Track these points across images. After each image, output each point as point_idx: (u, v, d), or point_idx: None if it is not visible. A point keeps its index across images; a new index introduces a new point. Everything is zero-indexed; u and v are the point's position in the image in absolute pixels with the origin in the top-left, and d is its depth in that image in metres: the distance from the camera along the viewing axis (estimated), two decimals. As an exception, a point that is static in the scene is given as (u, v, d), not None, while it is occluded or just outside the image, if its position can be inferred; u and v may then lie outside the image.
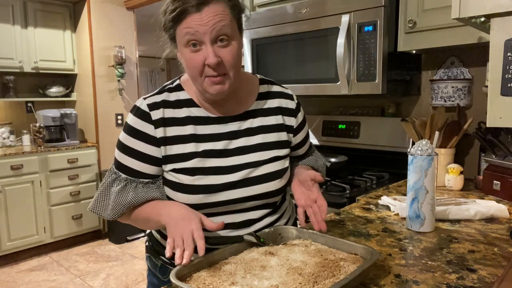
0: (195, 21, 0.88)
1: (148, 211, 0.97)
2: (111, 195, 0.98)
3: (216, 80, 0.93)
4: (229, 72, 0.94)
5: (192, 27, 0.89)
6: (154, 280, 1.13)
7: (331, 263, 0.82)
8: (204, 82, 0.93)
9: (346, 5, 1.71)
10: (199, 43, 0.90)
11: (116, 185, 0.98)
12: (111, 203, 0.98)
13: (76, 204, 3.75)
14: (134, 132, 0.97)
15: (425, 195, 1.09)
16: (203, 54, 0.90)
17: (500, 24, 0.97)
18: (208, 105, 1.02)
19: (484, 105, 1.14)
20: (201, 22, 0.88)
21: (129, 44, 4.09)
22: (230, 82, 0.95)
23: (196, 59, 0.91)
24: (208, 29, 0.89)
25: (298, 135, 1.13)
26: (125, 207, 0.97)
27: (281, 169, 1.06)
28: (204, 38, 0.89)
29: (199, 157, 0.98)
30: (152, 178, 1.00)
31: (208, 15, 0.89)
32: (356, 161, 2.09)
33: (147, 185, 0.99)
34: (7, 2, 3.50)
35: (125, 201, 0.97)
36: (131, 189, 0.97)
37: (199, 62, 0.91)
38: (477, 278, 0.83)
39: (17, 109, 3.93)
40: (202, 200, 0.97)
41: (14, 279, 3.15)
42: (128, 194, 0.97)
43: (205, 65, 0.91)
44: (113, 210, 0.98)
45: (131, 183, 0.98)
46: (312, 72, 1.89)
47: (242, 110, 1.04)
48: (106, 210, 0.99)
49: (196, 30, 0.88)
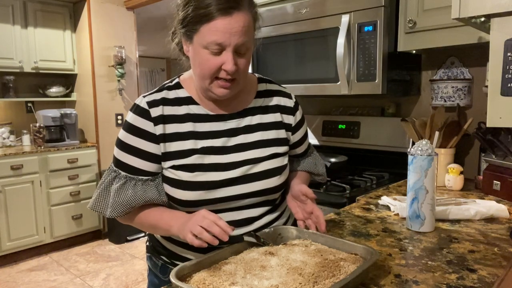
0: (224, 26, 0.88)
1: (156, 219, 0.98)
2: (111, 193, 0.98)
3: (226, 85, 0.95)
4: (239, 78, 0.96)
5: (221, 31, 0.88)
6: (155, 280, 1.14)
7: (331, 263, 0.83)
8: (212, 83, 0.95)
9: (346, 5, 1.71)
10: (221, 48, 0.90)
11: (116, 183, 0.98)
12: (111, 201, 0.98)
13: (76, 204, 3.75)
14: (133, 129, 0.98)
15: (425, 195, 1.09)
16: (222, 59, 0.91)
17: (500, 24, 0.97)
18: (207, 102, 1.03)
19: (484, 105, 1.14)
20: (230, 28, 0.88)
21: (129, 44, 4.09)
22: (237, 87, 0.98)
23: (213, 61, 0.91)
24: (236, 39, 0.89)
25: (296, 133, 1.13)
26: (124, 205, 0.97)
27: (281, 166, 1.06)
28: (229, 45, 0.90)
29: (198, 153, 0.98)
30: (152, 176, 1.00)
31: (238, 23, 0.89)
32: (356, 161, 2.09)
33: (146, 183, 0.99)
34: (7, 2, 3.50)
35: (124, 199, 0.97)
36: (130, 187, 0.97)
37: (215, 65, 0.92)
38: (477, 278, 0.83)
39: (17, 109, 3.93)
40: (201, 196, 0.97)
41: (14, 279, 3.15)
42: (127, 192, 0.97)
43: (220, 69, 0.92)
44: (112, 207, 0.98)
45: (130, 180, 0.98)
46: (312, 72, 1.89)
47: (241, 108, 1.06)
48: (107, 208, 0.99)
49: (223, 35, 0.88)
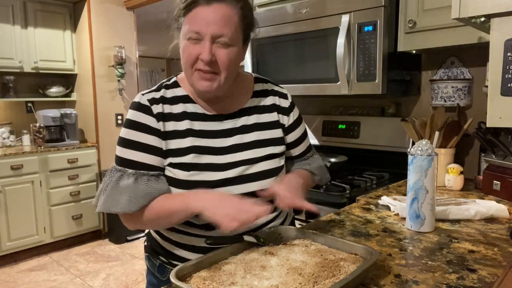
0: (202, 14, 0.91)
1: (170, 203, 0.94)
2: (124, 189, 0.94)
3: (206, 77, 0.94)
4: (221, 73, 0.95)
5: (198, 19, 0.91)
6: (153, 279, 1.13)
7: (331, 263, 0.83)
8: (193, 75, 0.95)
9: (346, 5, 1.71)
10: (199, 36, 0.91)
11: (125, 180, 0.94)
12: (126, 196, 0.93)
13: (76, 204, 3.74)
14: (136, 125, 0.97)
15: (425, 195, 1.09)
16: (199, 48, 0.92)
17: (500, 24, 0.97)
18: (203, 102, 1.03)
19: (484, 105, 1.14)
20: (207, 16, 0.90)
21: (129, 44, 4.09)
22: (219, 83, 0.96)
23: (191, 50, 0.93)
24: (212, 28, 0.90)
25: (291, 134, 1.13)
26: (144, 198, 0.93)
27: (277, 167, 1.06)
28: (205, 34, 0.91)
29: (194, 152, 0.98)
30: (161, 170, 0.98)
31: (215, 13, 0.90)
32: (356, 161, 2.09)
33: (158, 177, 0.97)
34: (7, 2, 3.50)
35: (143, 192, 0.93)
36: (144, 182, 0.94)
37: (193, 54, 0.93)
38: (477, 278, 0.83)
39: (17, 109, 3.93)
40: None
41: (14, 279, 3.15)
42: (143, 186, 0.94)
43: (198, 58, 0.93)
44: (130, 201, 0.93)
45: (142, 176, 0.95)
46: (312, 72, 1.89)
47: (237, 108, 1.06)
48: (119, 204, 0.94)
49: (200, 24, 0.90)
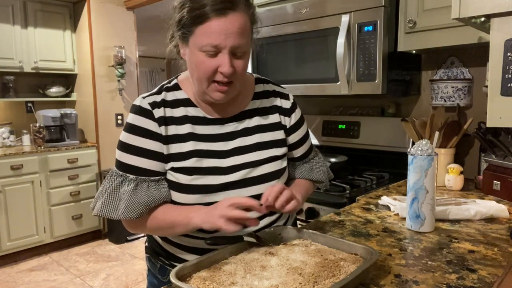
0: (219, 27, 0.86)
1: (173, 215, 0.95)
2: (123, 195, 0.94)
3: (223, 89, 0.93)
4: (236, 81, 0.95)
5: (216, 32, 0.86)
6: (154, 280, 1.13)
7: (331, 263, 0.83)
8: (209, 86, 0.93)
9: (346, 5, 1.71)
10: (217, 49, 0.89)
11: (126, 185, 0.94)
12: (125, 203, 0.93)
13: (76, 204, 3.74)
14: (137, 129, 0.96)
15: (425, 195, 1.09)
16: (218, 61, 0.89)
17: (500, 24, 0.97)
18: (205, 105, 1.02)
19: (484, 105, 1.14)
20: (225, 29, 0.86)
21: (129, 44, 4.09)
22: (234, 91, 0.96)
23: (209, 64, 0.90)
24: (231, 40, 0.88)
25: (293, 135, 1.12)
26: (142, 205, 0.93)
27: (279, 169, 1.06)
28: (224, 47, 0.88)
29: (196, 156, 0.97)
30: (162, 175, 0.98)
31: (233, 24, 0.87)
32: (356, 161, 2.09)
33: (158, 183, 0.97)
34: (7, 2, 3.50)
35: (140, 200, 0.93)
36: (144, 189, 0.94)
37: (211, 67, 0.90)
38: (477, 278, 0.83)
39: (17, 109, 3.93)
40: (199, 200, 0.97)
41: (14, 279, 3.14)
42: (141, 193, 0.93)
43: (217, 71, 0.90)
44: (127, 209, 0.93)
45: (142, 182, 0.95)
46: (312, 72, 1.89)
47: (238, 111, 1.05)
48: (117, 211, 0.94)
49: (219, 37, 0.87)
